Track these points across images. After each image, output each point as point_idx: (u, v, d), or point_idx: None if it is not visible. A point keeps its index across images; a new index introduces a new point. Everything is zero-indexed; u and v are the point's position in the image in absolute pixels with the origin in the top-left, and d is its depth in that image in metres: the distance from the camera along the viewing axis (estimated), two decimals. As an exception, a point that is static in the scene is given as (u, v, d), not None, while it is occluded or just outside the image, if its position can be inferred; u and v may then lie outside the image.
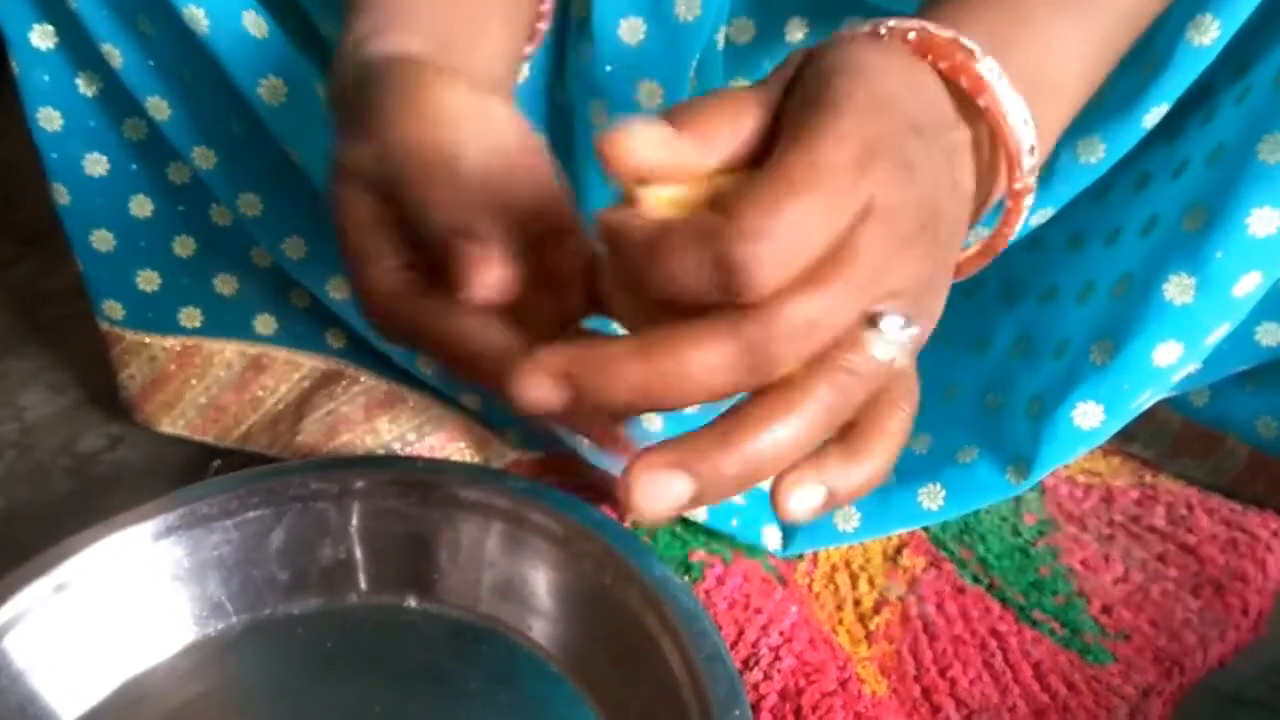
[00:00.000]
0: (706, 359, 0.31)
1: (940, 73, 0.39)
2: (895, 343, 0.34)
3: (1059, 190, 0.62)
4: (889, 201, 0.33)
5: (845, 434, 0.35)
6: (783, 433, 0.32)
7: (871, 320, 0.34)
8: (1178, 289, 0.56)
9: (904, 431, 0.36)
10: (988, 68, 0.39)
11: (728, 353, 0.31)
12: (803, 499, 0.33)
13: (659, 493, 0.32)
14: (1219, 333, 0.57)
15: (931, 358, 0.71)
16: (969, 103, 0.40)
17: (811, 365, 0.33)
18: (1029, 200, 0.43)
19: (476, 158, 0.42)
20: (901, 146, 0.34)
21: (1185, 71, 0.56)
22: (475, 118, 0.43)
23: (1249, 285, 0.55)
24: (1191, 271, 0.56)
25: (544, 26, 0.61)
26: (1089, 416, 0.59)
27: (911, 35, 0.39)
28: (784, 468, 0.34)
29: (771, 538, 0.68)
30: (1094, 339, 0.59)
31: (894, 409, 0.36)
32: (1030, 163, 0.41)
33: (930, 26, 0.39)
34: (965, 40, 0.39)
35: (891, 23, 0.40)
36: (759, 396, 0.33)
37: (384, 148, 0.42)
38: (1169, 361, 0.57)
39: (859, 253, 0.32)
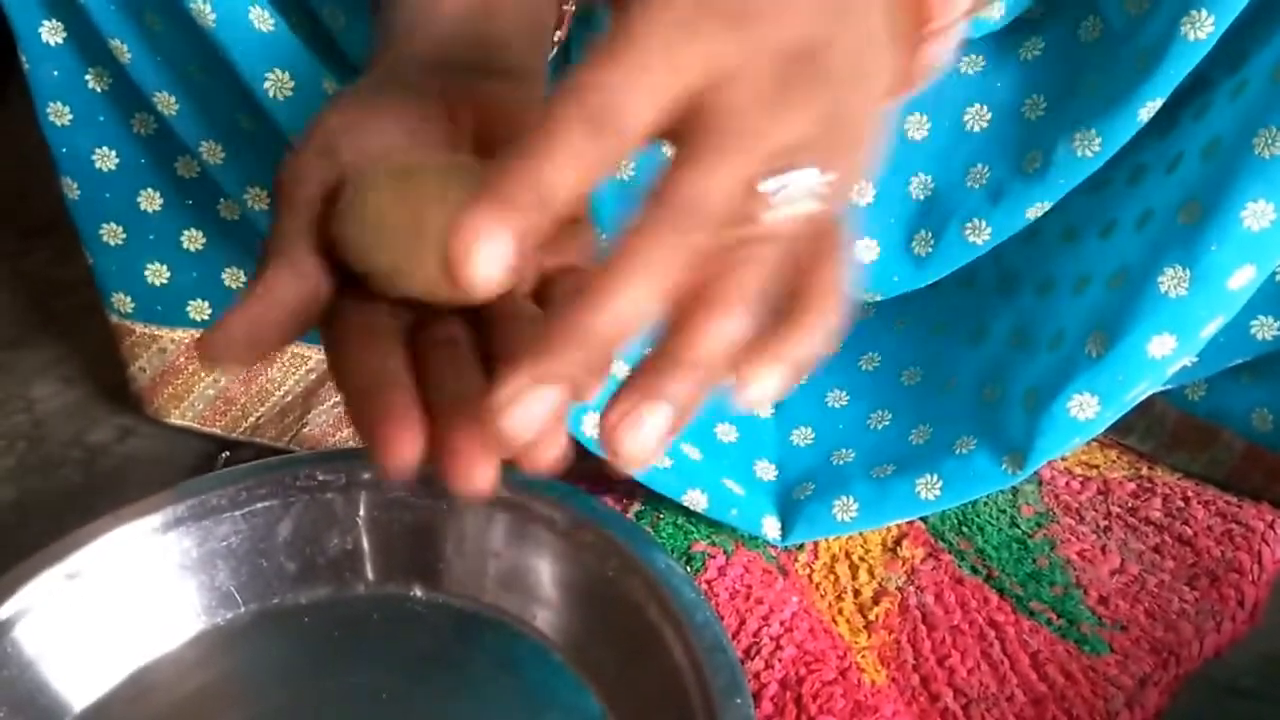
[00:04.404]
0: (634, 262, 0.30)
1: None
2: (798, 200, 0.32)
3: (1056, 183, 0.62)
4: (733, 58, 0.32)
5: (788, 305, 0.33)
6: (727, 327, 0.31)
7: (764, 182, 0.31)
8: (1173, 282, 0.57)
9: (841, 281, 0.34)
10: None
11: (645, 246, 0.30)
12: (765, 383, 0.32)
13: (644, 431, 0.30)
14: (1213, 326, 0.57)
15: (929, 349, 0.73)
16: None
17: (721, 253, 0.31)
18: (945, 41, 0.40)
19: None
20: None
21: (1180, 66, 0.56)
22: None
23: (1243, 278, 0.56)
24: (1186, 264, 0.56)
25: (570, 8, 0.60)
26: (1085, 408, 0.59)
27: None
28: (742, 352, 0.32)
29: (771, 528, 0.68)
30: (1089, 331, 0.60)
31: (828, 265, 0.34)
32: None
33: None
34: None
35: None
36: (689, 308, 0.31)
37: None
38: (1164, 354, 0.58)
39: (719, 119, 0.31)
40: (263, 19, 0.62)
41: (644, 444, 0.30)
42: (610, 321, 0.29)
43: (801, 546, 0.69)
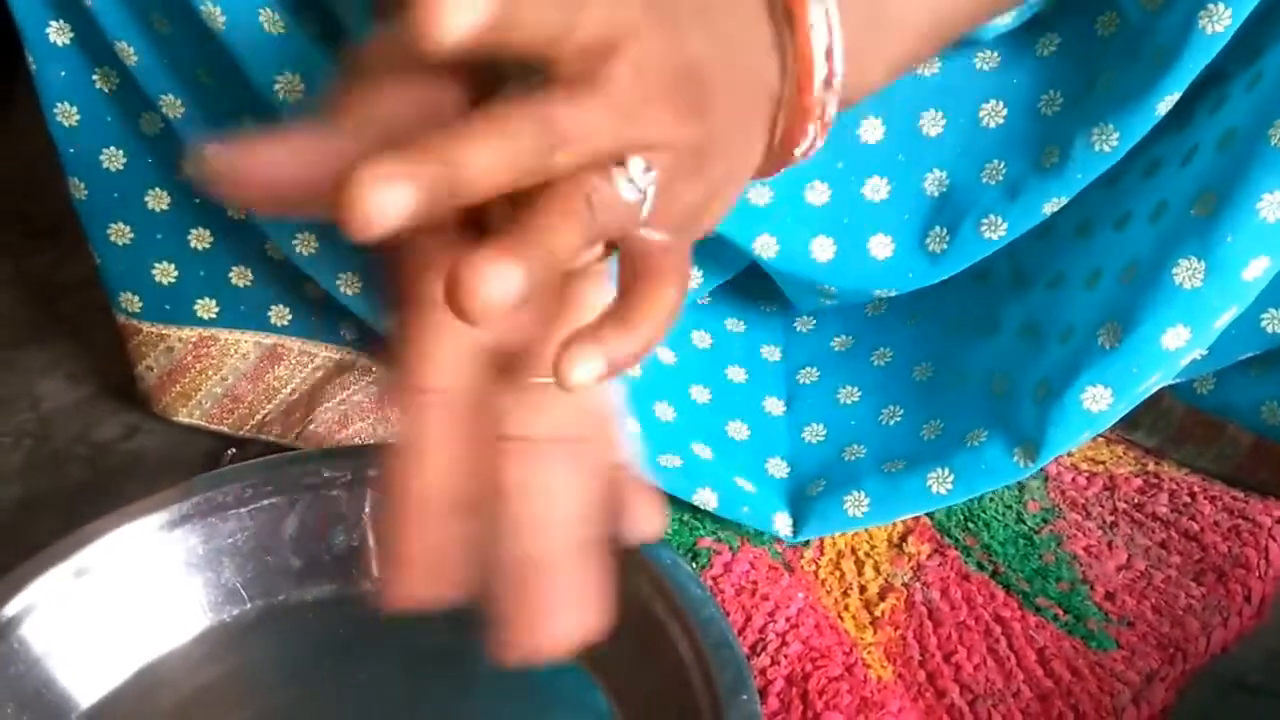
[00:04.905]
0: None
1: None
2: (636, 187, 0.35)
3: (1073, 178, 0.62)
4: (642, 43, 0.35)
5: (618, 307, 0.36)
6: (559, 232, 0.33)
7: (619, 162, 0.35)
8: (1187, 273, 0.57)
9: (674, 307, 0.37)
10: None
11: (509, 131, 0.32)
12: (585, 368, 0.33)
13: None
14: (1227, 317, 0.57)
15: (941, 344, 0.73)
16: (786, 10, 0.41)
17: (566, 181, 0.34)
18: (813, 129, 0.43)
19: None
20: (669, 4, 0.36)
21: (1198, 59, 0.56)
22: None
23: (1258, 269, 0.56)
24: (1201, 255, 0.57)
25: None
26: (1097, 400, 0.59)
27: None
28: (571, 334, 0.34)
29: (782, 524, 0.68)
30: (1102, 323, 0.60)
31: (663, 282, 0.37)
32: (824, 78, 0.42)
33: None
34: None
35: None
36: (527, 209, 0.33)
37: None
38: (1177, 345, 0.58)
39: (609, 79, 0.34)
40: (273, 21, 0.62)
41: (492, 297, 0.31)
42: (462, 152, 0.31)
43: (807, 543, 0.69)
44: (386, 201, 0.29)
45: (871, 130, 0.68)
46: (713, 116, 0.38)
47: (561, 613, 0.38)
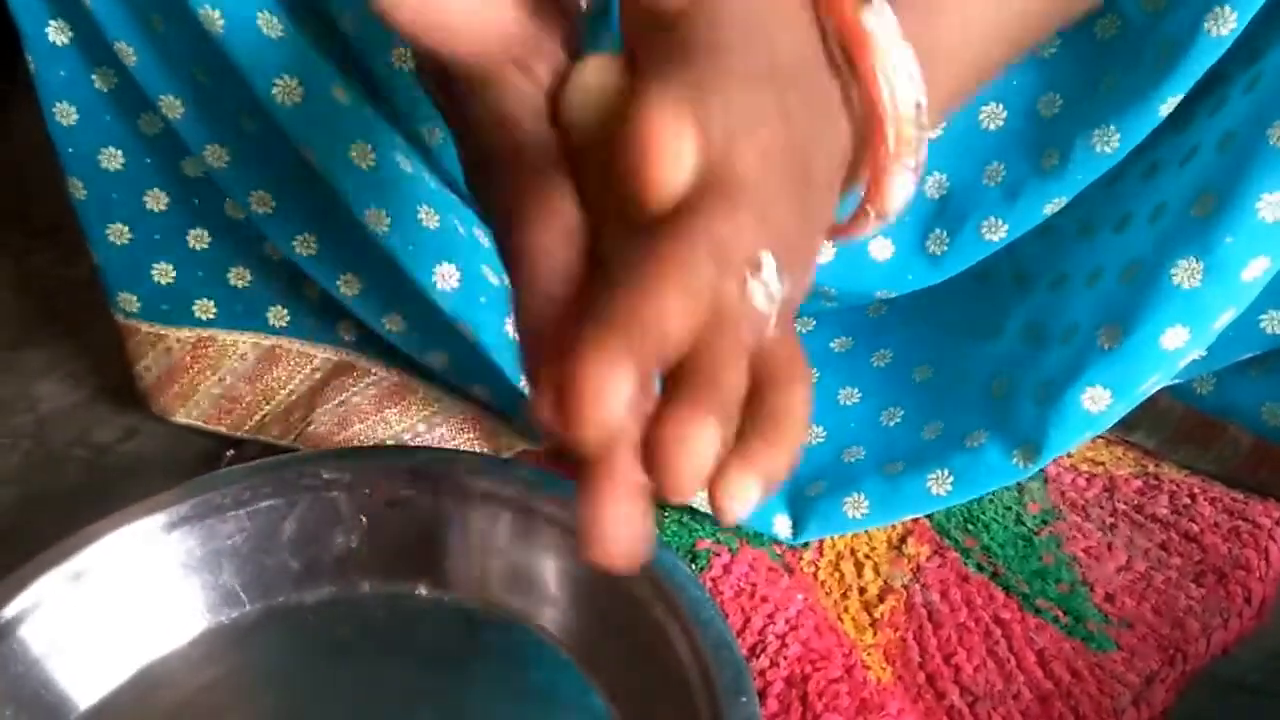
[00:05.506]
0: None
1: (818, 17, 0.36)
2: (769, 295, 0.31)
3: (1074, 179, 0.62)
4: (755, 130, 0.31)
5: (754, 422, 0.33)
6: (731, 372, 0.30)
7: (754, 266, 0.31)
8: (1186, 273, 0.57)
9: (809, 405, 0.34)
10: (876, 17, 0.36)
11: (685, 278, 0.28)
12: (744, 496, 0.31)
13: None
14: (1226, 317, 0.57)
15: (941, 346, 0.73)
16: (847, 57, 0.37)
17: (708, 325, 0.29)
18: (902, 175, 0.38)
19: None
20: (757, 80, 0.32)
21: (1202, 61, 0.56)
22: None
23: (1257, 270, 0.56)
24: (1200, 256, 0.57)
25: None
26: (1097, 400, 0.60)
27: None
28: (721, 462, 0.31)
29: (782, 526, 0.68)
30: (1102, 324, 0.60)
31: (794, 383, 0.34)
32: (911, 131, 0.37)
33: None
34: None
35: None
36: (678, 379, 0.30)
37: None
38: (1177, 346, 0.58)
39: (740, 176, 0.30)
40: (271, 24, 0.62)
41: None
42: (658, 311, 0.27)
43: (807, 544, 0.69)
44: (619, 396, 0.26)
45: (871, 133, 0.68)
46: (816, 188, 0.35)
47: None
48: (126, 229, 0.73)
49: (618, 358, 0.26)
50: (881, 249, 0.68)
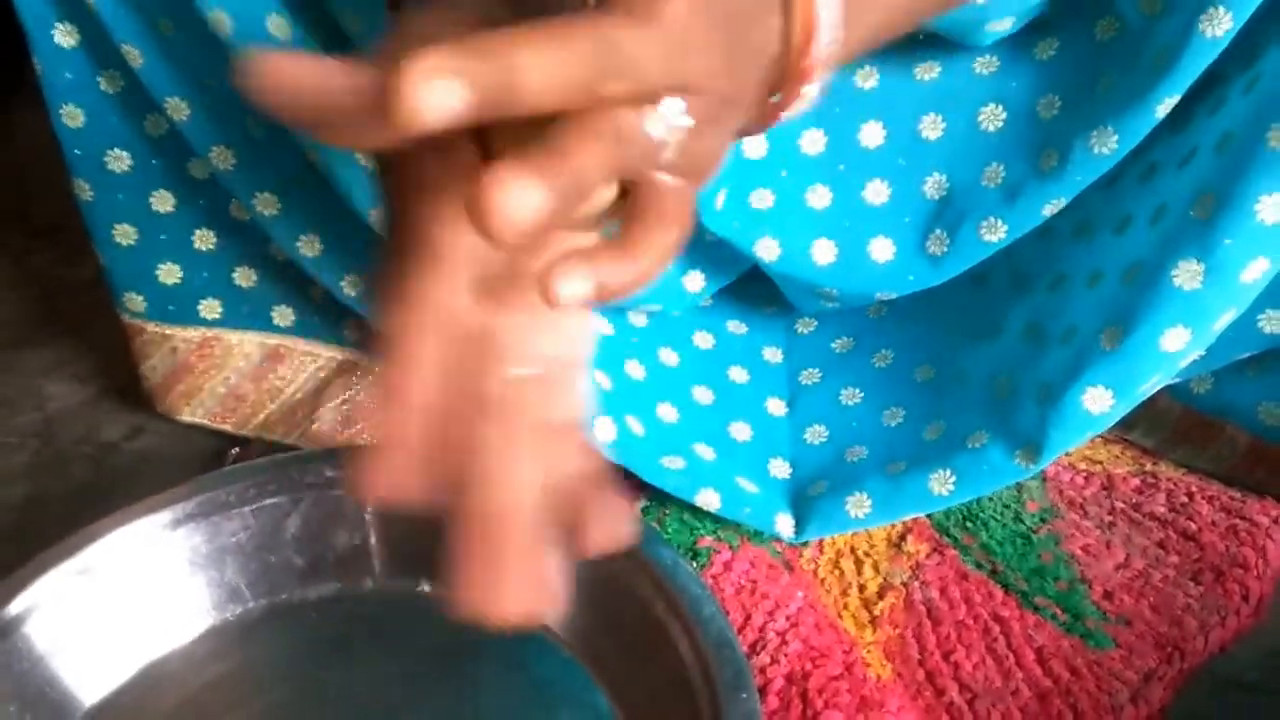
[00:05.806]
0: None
1: None
2: (668, 127, 0.34)
3: (1072, 180, 0.62)
4: None
5: (618, 239, 0.36)
6: (584, 158, 0.32)
7: (655, 100, 0.34)
8: (1187, 275, 0.57)
9: (673, 249, 0.37)
10: None
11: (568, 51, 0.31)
12: (573, 285, 0.33)
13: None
14: (1226, 318, 0.58)
15: (942, 346, 0.73)
16: None
17: (596, 110, 0.32)
18: (810, 91, 0.41)
19: None
20: None
21: (1198, 62, 0.56)
22: None
23: (1257, 271, 0.56)
24: (1200, 258, 0.57)
25: None
26: (1098, 401, 0.60)
27: None
28: (569, 252, 0.34)
29: (784, 525, 0.68)
30: (1103, 325, 0.60)
31: (667, 223, 0.36)
32: (827, 48, 0.39)
33: None
34: None
35: None
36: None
37: None
38: (1177, 347, 0.58)
39: (669, 13, 0.33)
40: (280, 26, 0.62)
41: (519, 219, 0.31)
42: (522, 59, 0.30)
43: (807, 542, 0.69)
44: (438, 95, 0.28)
45: (872, 134, 0.68)
46: (742, 68, 0.37)
47: (513, 578, 0.38)
48: (133, 230, 0.73)
49: (454, 66, 0.28)
50: (882, 250, 0.68)
